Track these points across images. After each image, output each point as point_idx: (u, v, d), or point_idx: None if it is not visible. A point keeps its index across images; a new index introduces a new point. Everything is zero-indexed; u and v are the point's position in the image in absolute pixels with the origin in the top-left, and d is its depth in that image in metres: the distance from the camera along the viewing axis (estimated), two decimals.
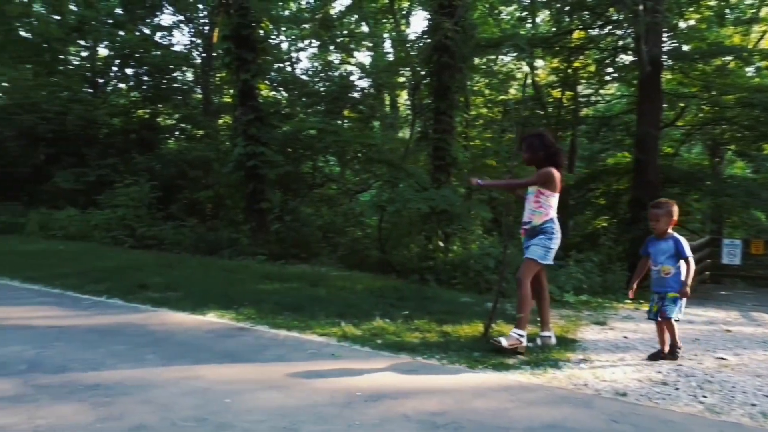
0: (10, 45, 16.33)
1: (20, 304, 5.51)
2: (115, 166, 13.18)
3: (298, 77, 16.32)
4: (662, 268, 4.25)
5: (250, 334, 4.66)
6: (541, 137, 4.62)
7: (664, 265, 4.25)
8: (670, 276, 4.22)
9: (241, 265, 8.54)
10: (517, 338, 4.27)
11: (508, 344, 4.22)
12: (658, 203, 4.40)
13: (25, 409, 2.94)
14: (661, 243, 4.28)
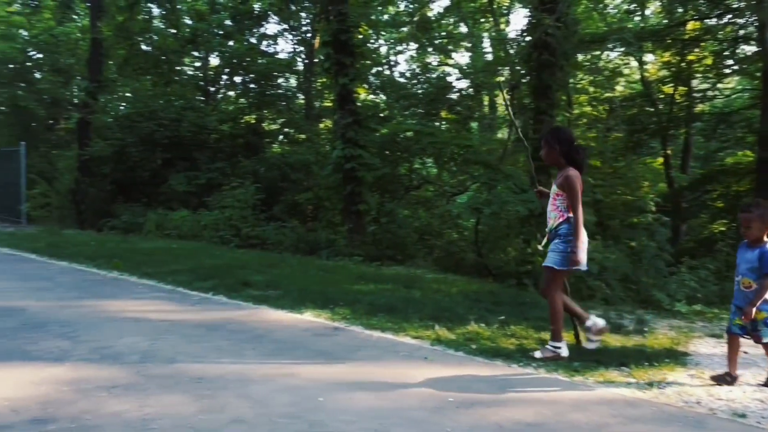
0: (132, 59, 17.70)
1: (136, 299, 5.92)
2: (223, 169, 13.90)
3: (395, 80, 16.46)
4: (742, 279, 3.75)
5: (345, 334, 4.73)
6: (557, 133, 4.37)
7: (744, 276, 3.73)
8: (750, 290, 3.70)
9: (338, 266, 8.71)
10: (552, 350, 4.14)
11: (542, 356, 4.11)
12: (750, 205, 3.81)
13: (135, 397, 3.14)
14: (748, 251, 3.75)
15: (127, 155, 14.14)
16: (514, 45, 12.94)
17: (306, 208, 12.41)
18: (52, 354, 3.84)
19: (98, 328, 4.56)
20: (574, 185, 4.07)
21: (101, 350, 3.96)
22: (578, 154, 4.23)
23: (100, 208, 14.23)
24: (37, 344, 4.05)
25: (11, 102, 17.94)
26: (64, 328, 4.51)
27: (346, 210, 10.03)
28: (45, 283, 6.58)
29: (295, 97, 19.41)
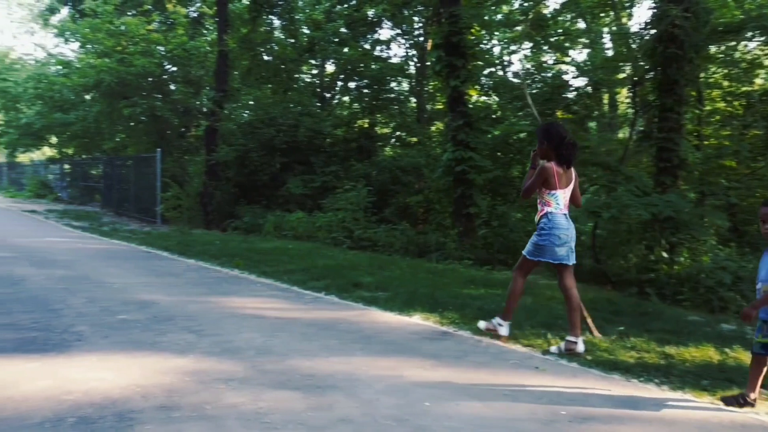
0: (255, 68, 18.73)
1: (255, 296, 6.22)
2: (336, 172, 14.30)
3: (508, 80, 16.09)
4: (764, 286, 3.24)
5: (453, 339, 4.67)
6: (547, 129, 4.50)
7: (765, 284, 3.24)
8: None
9: (448, 269, 8.65)
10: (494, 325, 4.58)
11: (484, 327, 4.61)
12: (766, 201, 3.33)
13: (250, 390, 3.28)
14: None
15: (249, 160, 14.95)
16: (636, 39, 12.18)
17: (416, 210, 12.45)
18: (178, 346, 4.12)
19: (220, 323, 4.83)
20: (542, 173, 4.33)
21: (221, 344, 4.20)
22: (566, 151, 4.34)
23: (224, 209, 15.17)
24: (166, 336, 4.37)
25: (150, 112, 19.58)
26: (190, 322, 4.83)
27: (457, 213, 9.93)
28: (174, 279, 7.10)
29: (407, 100, 19.58)
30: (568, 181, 4.38)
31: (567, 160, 4.36)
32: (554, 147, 4.34)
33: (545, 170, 4.30)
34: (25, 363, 3.65)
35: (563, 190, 4.36)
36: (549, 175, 4.29)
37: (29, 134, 29.25)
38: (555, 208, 4.36)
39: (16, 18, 39.29)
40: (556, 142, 4.33)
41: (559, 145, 4.33)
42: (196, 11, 23.83)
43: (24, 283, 6.38)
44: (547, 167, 4.31)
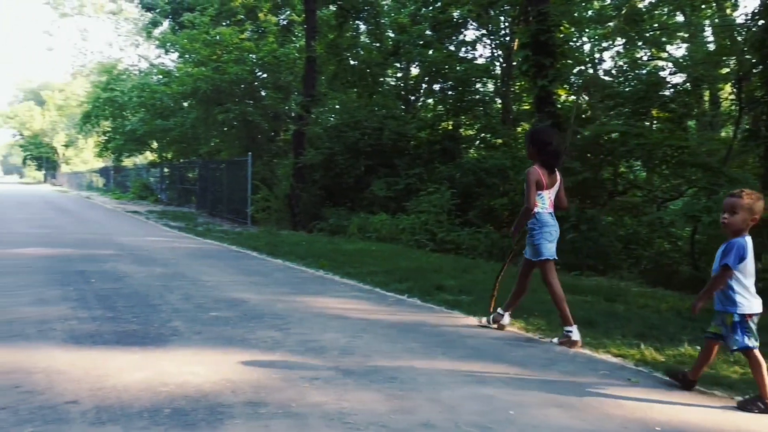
0: (341, 73, 19.11)
1: (339, 297, 6.33)
2: (420, 175, 14.31)
3: (599, 79, 15.47)
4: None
5: (539, 346, 4.53)
6: (533, 134, 4.94)
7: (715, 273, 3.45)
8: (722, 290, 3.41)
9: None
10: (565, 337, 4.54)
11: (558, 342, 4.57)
12: (732, 193, 3.49)
13: (334, 390, 3.33)
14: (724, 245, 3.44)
15: (334, 163, 15.26)
16: (742, 31, 11.37)
17: (501, 213, 12.21)
18: (266, 343, 4.25)
19: (305, 323, 4.94)
20: (528, 179, 4.58)
21: (307, 343, 4.29)
22: (548, 156, 4.64)
23: (311, 211, 15.56)
24: (255, 333, 4.52)
25: (242, 117, 20.44)
26: (277, 320, 4.97)
27: None
28: (263, 278, 7.34)
29: (492, 101, 19.29)
30: (552, 183, 4.68)
31: (549, 165, 4.66)
32: (537, 152, 4.67)
33: (532, 174, 4.60)
34: (127, 355, 3.88)
35: (548, 191, 4.66)
36: (536, 177, 4.58)
37: (133, 140, 31.35)
38: (541, 208, 4.65)
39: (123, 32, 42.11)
40: (539, 147, 4.67)
41: (542, 150, 4.65)
42: (285, 19, 24.66)
43: (126, 279, 6.81)
44: (532, 171, 4.62)
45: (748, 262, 3.41)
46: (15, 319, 4.80)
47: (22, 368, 3.59)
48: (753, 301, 3.40)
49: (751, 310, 3.38)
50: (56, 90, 65.82)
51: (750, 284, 3.42)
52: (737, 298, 3.37)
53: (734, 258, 3.37)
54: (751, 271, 3.43)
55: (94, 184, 46.54)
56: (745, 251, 3.39)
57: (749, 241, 3.43)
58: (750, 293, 3.41)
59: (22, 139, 73.97)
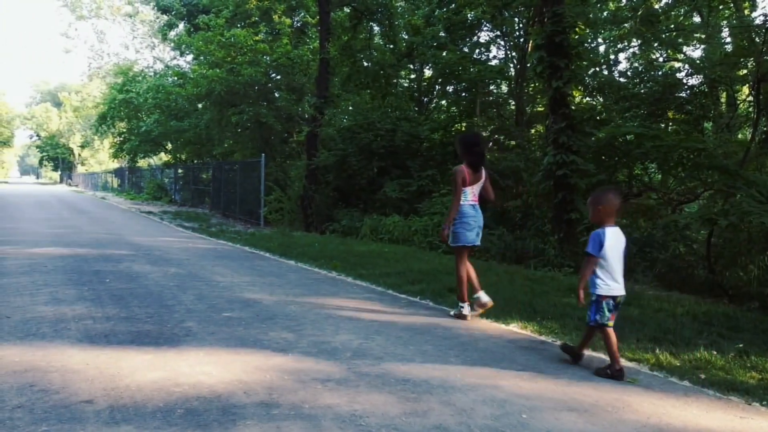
0: (354, 74, 19.13)
1: (351, 298, 6.32)
2: (433, 176, 14.29)
3: (614, 80, 15.36)
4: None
5: (552, 350, 4.49)
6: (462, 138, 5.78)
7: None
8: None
9: (547, 276, 8.37)
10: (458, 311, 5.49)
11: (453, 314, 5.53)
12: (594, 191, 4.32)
13: (346, 392, 3.33)
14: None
15: (347, 164, 15.28)
16: (761, 31, 11.23)
17: (514, 215, 12.15)
18: (279, 345, 4.25)
19: (318, 324, 4.95)
20: (455, 177, 5.33)
21: (319, 345, 4.29)
22: (474, 156, 5.39)
23: (323, 212, 15.59)
24: (267, 334, 4.53)
25: (255, 119, 20.53)
26: (290, 322, 4.98)
27: (557, 218, 9.58)
28: (276, 279, 7.36)
29: (506, 103, 19.22)
30: (477, 180, 5.42)
31: (475, 164, 5.38)
32: (465, 153, 5.40)
33: (459, 173, 5.34)
34: (141, 355, 3.91)
35: (472, 186, 5.41)
36: (462, 175, 5.32)
37: (148, 141, 31.64)
38: (464, 201, 5.39)
39: (139, 34, 42.53)
40: (467, 149, 5.41)
41: (469, 152, 5.38)
42: (299, 21, 24.75)
43: (141, 279, 6.86)
44: (459, 170, 5.35)
45: (607, 249, 3.88)
46: (31, 318, 4.85)
47: (37, 367, 3.63)
48: (611, 285, 3.88)
49: (608, 293, 3.88)
50: (73, 91, 66.62)
51: (612, 269, 3.89)
52: (597, 281, 3.90)
53: (592, 246, 3.93)
54: (614, 256, 3.90)
55: (109, 184, 47.02)
56: (603, 240, 3.89)
57: (609, 231, 3.92)
58: (610, 278, 3.90)
59: (39, 140, 75.02)
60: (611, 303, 3.88)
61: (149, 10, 36.47)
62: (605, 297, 3.87)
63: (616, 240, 3.92)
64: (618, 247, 3.93)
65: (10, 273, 7.12)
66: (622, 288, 3.93)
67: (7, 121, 70.37)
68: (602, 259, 3.89)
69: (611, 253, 3.89)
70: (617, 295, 3.90)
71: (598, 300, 3.90)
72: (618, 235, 3.96)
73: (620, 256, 3.93)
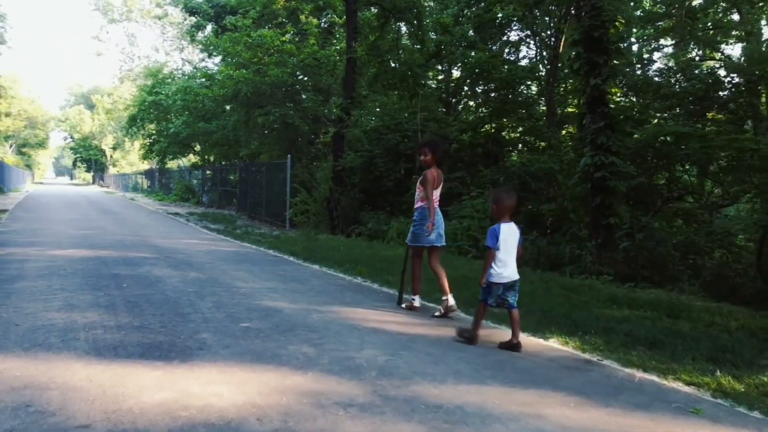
0: (381, 75, 18.79)
1: (377, 308, 5.96)
2: (462, 179, 13.87)
3: (652, 79, 14.73)
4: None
5: (599, 370, 4.07)
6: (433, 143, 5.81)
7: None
8: None
9: (584, 285, 7.90)
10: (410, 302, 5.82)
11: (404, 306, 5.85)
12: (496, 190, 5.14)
13: (370, 420, 2.96)
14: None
15: (374, 166, 14.94)
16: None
17: (547, 219, 11.66)
18: (298, 361, 3.91)
19: (341, 337, 4.60)
20: (427, 179, 5.54)
21: (342, 361, 3.94)
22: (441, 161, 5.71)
23: (349, 215, 15.26)
24: (286, 348, 4.19)
25: (282, 120, 20.34)
26: (311, 334, 4.64)
27: (595, 223, 9.08)
28: (298, 285, 7.04)
29: (536, 103, 18.69)
30: (440, 182, 5.67)
31: (441, 168, 5.72)
32: (434, 158, 5.60)
33: (429, 176, 5.55)
34: (149, 371, 3.60)
35: (437, 189, 5.65)
36: (432, 178, 5.54)
37: (177, 142, 31.78)
38: (426, 203, 5.58)
39: (169, 36, 42.93)
40: (440, 152, 5.67)
41: (438, 157, 5.63)
42: (326, 22, 24.54)
43: (159, 284, 6.60)
44: (429, 173, 5.56)
45: (500, 242, 4.49)
46: (41, 326, 4.60)
47: (37, 383, 3.35)
48: (501, 272, 4.49)
49: (498, 280, 4.49)
50: (105, 94, 67.74)
51: (504, 259, 4.49)
52: (491, 270, 4.50)
53: (490, 240, 4.54)
54: (506, 248, 4.50)
55: (139, 185, 47.54)
56: (498, 234, 4.50)
57: (504, 227, 4.53)
58: (502, 266, 4.48)
59: (72, 141, 76.47)
60: (501, 288, 4.50)
61: (178, 12, 36.71)
62: (495, 284, 4.49)
63: (509, 234, 4.53)
64: (511, 239, 4.53)
65: (29, 276, 6.93)
66: (513, 274, 4.52)
67: (42, 124, 71.92)
68: (498, 250, 4.48)
69: (504, 245, 4.50)
70: (508, 281, 4.50)
71: (489, 285, 4.53)
72: (512, 229, 4.56)
73: (512, 247, 4.54)
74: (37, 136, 71.02)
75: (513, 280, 4.53)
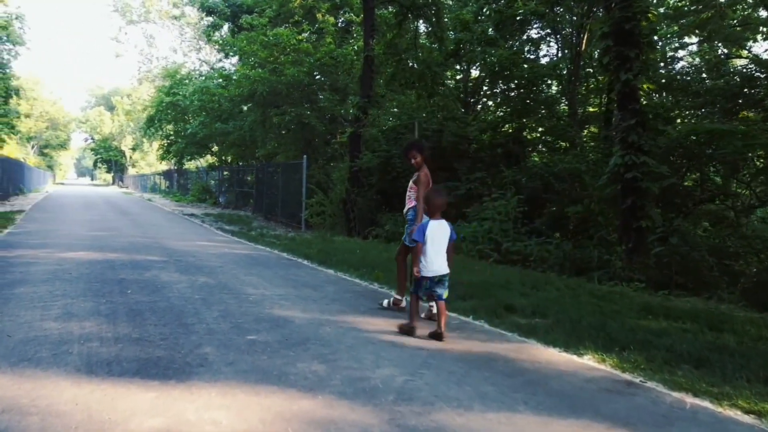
0: (399, 74, 18.39)
1: (395, 317, 5.55)
2: (482, 179, 13.43)
3: (682, 76, 14.16)
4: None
5: (644, 394, 3.63)
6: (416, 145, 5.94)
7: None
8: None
9: (614, 292, 7.43)
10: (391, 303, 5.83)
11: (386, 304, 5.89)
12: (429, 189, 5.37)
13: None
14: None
15: (391, 166, 14.54)
16: None
17: (572, 222, 11.15)
18: (307, 381, 3.54)
19: (355, 352, 4.21)
20: (425, 180, 5.56)
21: (356, 382, 3.55)
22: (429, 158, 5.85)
23: (366, 216, 14.88)
24: (295, 366, 3.82)
25: (298, 120, 20.04)
26: (323, 349, 4.26)
27: (625, 226, 8.58)
28: (312, 292, 6.67)
29: (557, 103, 18.15)
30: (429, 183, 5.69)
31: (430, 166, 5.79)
32: (425, 159, 5.73)
33: (423, 177, 5.59)
34: (142, 392, 3.25)
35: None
36: (427, 179, 5.59)
37: (194, 143, 31.66)
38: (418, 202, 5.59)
39: (187, 37, 42.96)
40: (425, 155, 5.75)
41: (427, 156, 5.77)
42: (344, 20, 24.20)
43: (165, 290, 6.28)
44: (424, 175, 5.62)
45: (427, 237, 4.74)
46: (34, 337, 4.29)
47: (18, 406, 3.02)
48: (428, 267, 4.74)
49: (425, 274, 4.75)
50: (124, 95, 68.23)
51: (431, 254, 4.74)
52: (420, 265, 4.76)
53: (418, 235, 4.80)
54: (433, 244, 4.75)
55: (158, 186, 47.65)
56: (425, 229, 4.78)
57: (432, 223, 4.82)
58: (430, 261, 4.74)
59: (93, 142, 77.11)
60: (429, 282, 4.76)
61: (195, 12, 36.67)
62: (424, 277, 4.76)
63: (438, 230, 4.79)
64: (439, 236, 4.78)
65: (32, 281, 6.66)
66: (440, 269, 4.77)
67: (64, 125, 72.72)
68: (426, 245, 4.73)
69: (431, 241, 4.75)
70: (435, 275, 4.75)
71: (420, 279, 4.80)
72: (442, 226, 4.83)
73: (441, 244, 4.78)
74: (58, 137, 71.78)
75: (441, 275, 4.76)
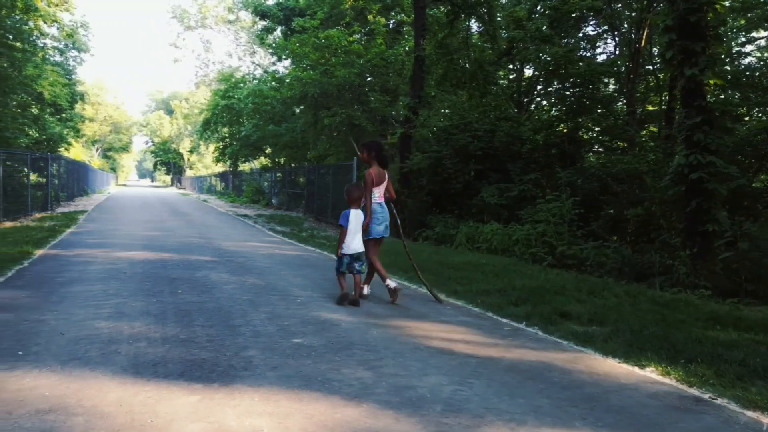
0: (450, 74, 18.15)
1: (444, 322, 5.40)
2: (536, 181, 13.05)
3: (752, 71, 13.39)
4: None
5: (715, 413, 3.34)
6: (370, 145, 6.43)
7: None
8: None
9: (678, 299, 7.01)
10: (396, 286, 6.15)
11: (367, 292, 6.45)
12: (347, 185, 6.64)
13: None
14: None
15: (442, 167, 14.34)
16: None
17: (632, 225, 10.66)
18: (352, 388, 3.42)
19: (402, 359, 4.07)
20: (366, 180, 6.08)
21: (402, 391, 3.41)
22: (382, 160, 6.28)
23: (416, 218, 14.71)
24: (339, 372, 3.71)
25: (348, 121, 20.08)
26: (369, 354, 4.14)
27: (690, 230, 8.11)
28: None
29: (614, 101, 17.51)
30: (381, 181, 6.17)
31: (383, 167, 6.24)
32: (375, 158, 6.22)
33: (368, 176, 6.10)
34: (186, 395, 3.21)
35: (378, 187, 6.16)
36: (371, 178, 6.07)
37: (248, 145, 32.27)
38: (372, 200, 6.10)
39: (242, 42, 43.87)
40: (377, 154, 6.24)
41: (378, 156, 6.23)
42: (395, 21, 24.14)
43: (214, 291, 6.31)
44: (369, 173, 6.13)
45: (349, 222, 5.88)
46: (84, 336, 4.34)
47: (64, 406, 3.02)
48: (349, 246, 5.88)
49: (347, 251, 5.89)
50: (182, 99, 70.32)
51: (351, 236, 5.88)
52: (342, 245, 5.89)
53: (343, 221, 5.93)
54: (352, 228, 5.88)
55: (214, 187, 48.82)
56: (348, 216, 5.90)
57: (352, 212, 5.94)
58: (350, 241, 5.87)
59: (153, 145, 79.83)
60: (349, 258, 5.90)
61: (250, 16, 37.36)
62: (345, 254, 5.89)
63: (355, 218, 5.93)
64: (355, 222, 5.92)
65: (88, 279, 6.83)
66: (357, 247, 5.92)
67: (126, 128, 75.53)
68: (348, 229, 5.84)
69: (351, 226, 5.88)
70: (354, 252, 5.90)
71: (342, 257, 5.93)
72: (358, 214, 5.97)
73: (357, 228, 5.92)
74: (121, 140, 74.62)
75: (358, 252, 5.91)
